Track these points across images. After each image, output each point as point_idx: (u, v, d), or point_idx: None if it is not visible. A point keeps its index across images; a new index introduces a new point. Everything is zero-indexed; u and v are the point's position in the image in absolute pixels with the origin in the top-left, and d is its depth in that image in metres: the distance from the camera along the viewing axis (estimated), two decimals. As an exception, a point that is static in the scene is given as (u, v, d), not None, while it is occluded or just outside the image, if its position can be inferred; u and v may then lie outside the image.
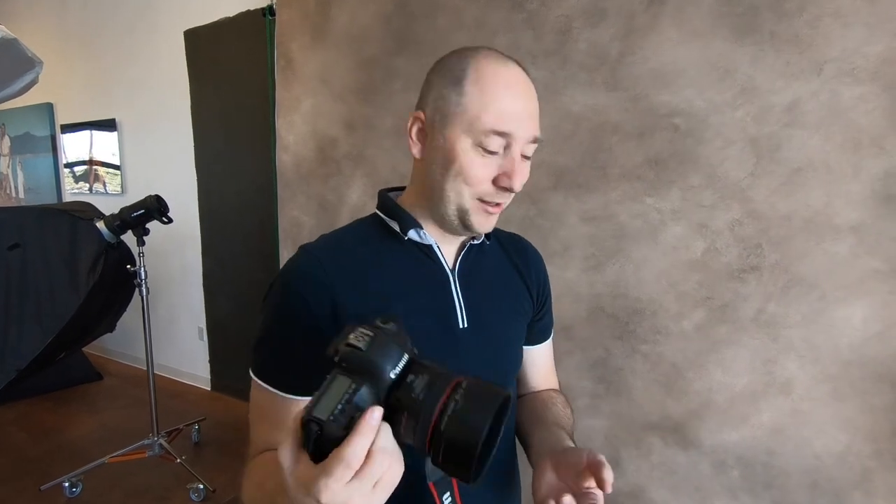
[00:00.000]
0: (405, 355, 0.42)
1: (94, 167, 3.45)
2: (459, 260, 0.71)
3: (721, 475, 1.35)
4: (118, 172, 3.32)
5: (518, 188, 0.61)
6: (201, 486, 2.01)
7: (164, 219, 2.11)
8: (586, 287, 1.49)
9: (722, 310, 1.32)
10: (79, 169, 3.56)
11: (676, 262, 1.37)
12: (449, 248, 0.70)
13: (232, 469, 2.23)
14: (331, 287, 0.62)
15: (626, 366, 1.45)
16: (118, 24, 3.12)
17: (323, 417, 0.38)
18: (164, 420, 2.28)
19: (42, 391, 2.97)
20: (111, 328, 2.62)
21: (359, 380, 0.40)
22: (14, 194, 4.00)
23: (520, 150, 0.61)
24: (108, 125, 3.29)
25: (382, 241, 0.68)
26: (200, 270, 2.99)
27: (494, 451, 0.43)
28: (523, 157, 0.63)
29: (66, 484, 2.04)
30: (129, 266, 2.13)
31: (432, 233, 0.68)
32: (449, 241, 0.70)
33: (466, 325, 0.68)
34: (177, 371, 3.23)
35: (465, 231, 0.66)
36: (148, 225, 2.10)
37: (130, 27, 3.06)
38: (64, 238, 2.25)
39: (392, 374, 0.41)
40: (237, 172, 2.73)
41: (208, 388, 3.06)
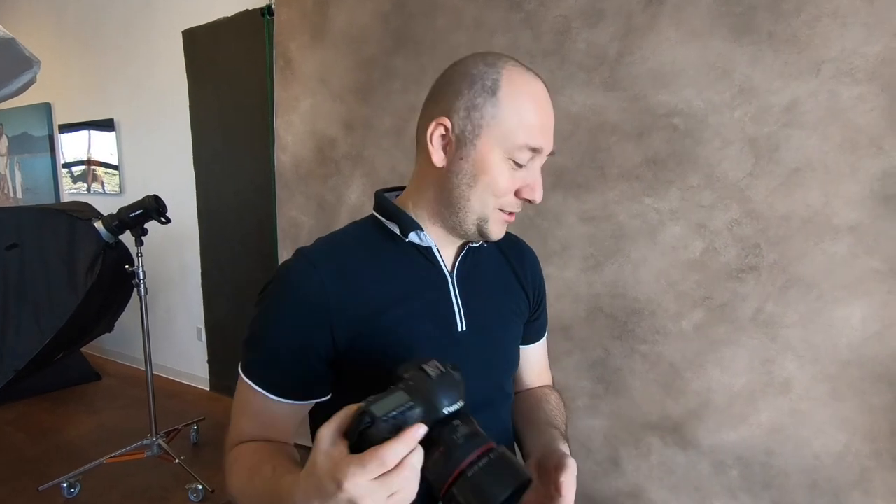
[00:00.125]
0: (461, 402, 0.46)
1: (93, 167, 3.45)
2: (458, 262, 0.70)
3: (720, 475, 1.35)
4: (116, 172, 3.32)
5: (539, 200, 0.63)
6: (200, 487, 2.00)
7: (162, 219, 2.10)
8: (585, 287, 1.49)
9: (721, 310, 1.32)
10: (77, 169, 3.55)
11: (675, 261, 1.37)
12: (448, 251, 0.70)
13: (230, 469, 2.23)
14: (327, 293, 0.61)
15: (625, 366, 1.46)
16: (116, 24, 3.11)
17: (377, 414, 0.42)
18: (162, 420, 2.27)
19: (40, 391, 2.96)
20: (109, 328, 2.62)
21: (417, 400, 0.44)
22: (12, 194, 3.99)
23: (540, 163, 0.64)
24: (107, 125, 3.28)
25: (380, 244, 0.68)
26: (199, 270, 2.99)
27: None
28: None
29: (65, 484, 2.03)
30: (127, 266, 2.13)
31: (433, 235, 0.67)
32: (448, 243, 0.69)
33: (465, 329, 0.68)
34: (175, 371, 3.22)
35: (479, 238, 0.67)
36: (146, 225, 2.09)
37: (129, 27, 3.05)
38: (62, 238, 2.24)
39: (445, 411, 0.45)
40: (235, 172, 2.73)
41: (207, 388, 3.05)
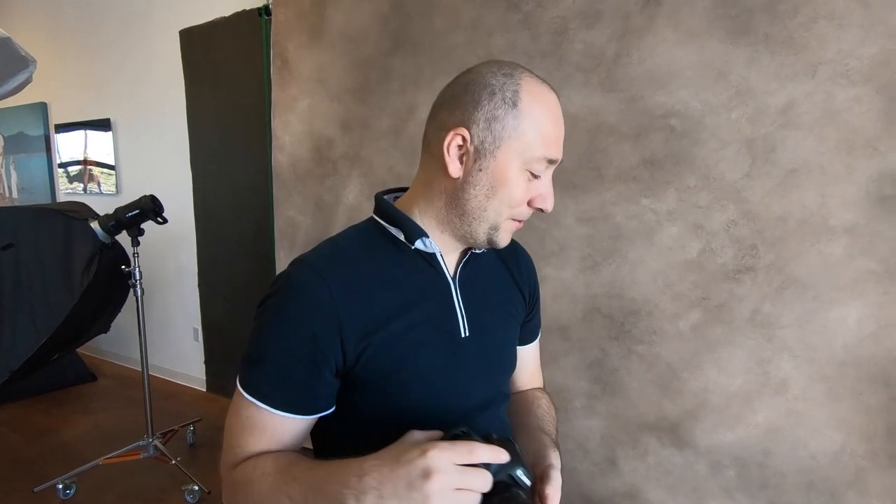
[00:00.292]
0: (528, 481, 0.53)
1: (89, 167, 3.43)
2: (460, 268, 0.70)
3: (717, 475, 1.35)
4: (113, 172, 3.31)
5: (551, 209, 0.65)
6: (196, 488, 2.00)
7: (158, 219, 2.09)
8: (583, 288, 1.50)
9: (717, 310, 1.32)
10: (73, 169, 3.53)
11: (672, 262, 1.37)
12: (450, 257, 0.70)
13: (227, 470, 2.22)
14: (335, 303, 0.60)
15: (622, 366, 1.46)
16: (113, 23, 3.10)
17: (466, 430, 0.51)
18: (158, 421, 2.26)
19: (36, 392, 2.95)
20: (106, 329, 2.61)
21: (504, 457, 0.51)
22: (7, 194, 3.98)
23: (551, 172, 0.65)
24: (103, 125, 3.27)
25: (383, 250, 0.67)
26: (196, 271, 2.98)
27: None
28: None
29: (60, 486, 2.02)
30: (123, 266, 2.12)
31: (437, 241, 0.67)
32: (451, 249, 0.69)
33: (468, 334, 0.68)
34: (172, 372, 3.21)
35: (487, 246, 0.67)
36: (143, 225, 2.09)
37: (125, 26, 3.05)
38: (58, 238, 2.23)
39: (518, 475, 0.51)
40: (233, 173, 2.73)
41: (203, 389, 3.05)
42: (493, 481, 0.48)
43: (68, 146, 3.54)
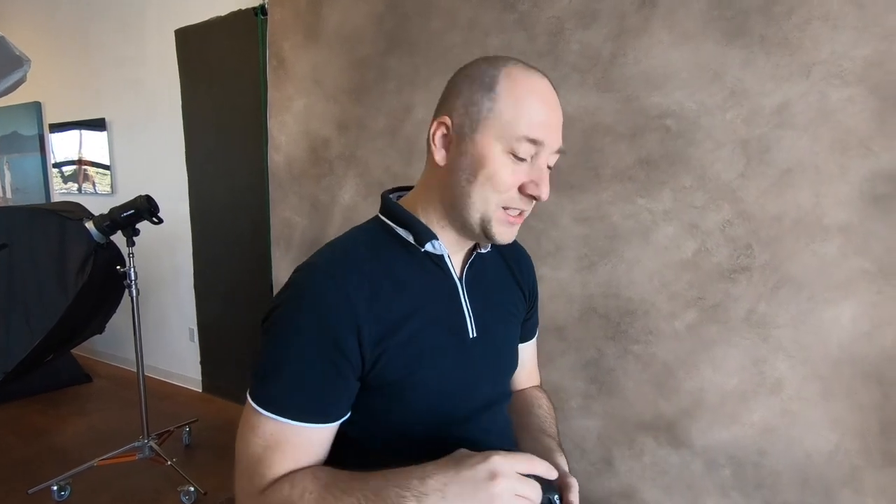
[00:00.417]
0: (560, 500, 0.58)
1: (84, 167, 3.42)
2: (466, 269, 0.71)
3: (713, 474, 1.36)
4: (108, 172, 3.29)
5: (545, 197, 0.62)
6: (192, 489, 1.99)
7: (154, 219, 2.09)
8: (579, 287, 1.50)
9: (713, 310, 1.33)
10: (67, 169, 3.52)
11: (668, 262, 1.38)
12: (457, 258, 0.70)
13: (224, 471, 2.21)
14: (352, 306, 0.59)
15: (619, 366, 1.46)
16: (108, 22, 3.09)
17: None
18: (154, 422, 2.26)
19: (30, 393, 2.93)
20: (100, 329, 2.60)
21: (554, 473, 0.55)
22: (1, 194, 3.95)
23: (546, 159, 0.62)
24: (98, 125, 3.25)
25: (391, 252, 0.66)
26: (191, 271, 2.97)
27: None
28: (547, 167, 0.63)
29: (55, 487, 2.01)
30: (118, 267, 2.11)
31: (444, 240, 0.67)
32: (457, 249, 0.70)
33: (475, 335, 0.68)
34: (167, 373, 3.20)
35: (485, 240, 0.66)
36: (138, 225, 2.08)
37: (121, 25, 3.03)
38: (52, 238, 2.22)
39: (555, 498, 0.55)
40: (228, 172, 2.72)
41: (199, 389, 3.03)
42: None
43: (63, 146, 3.52)
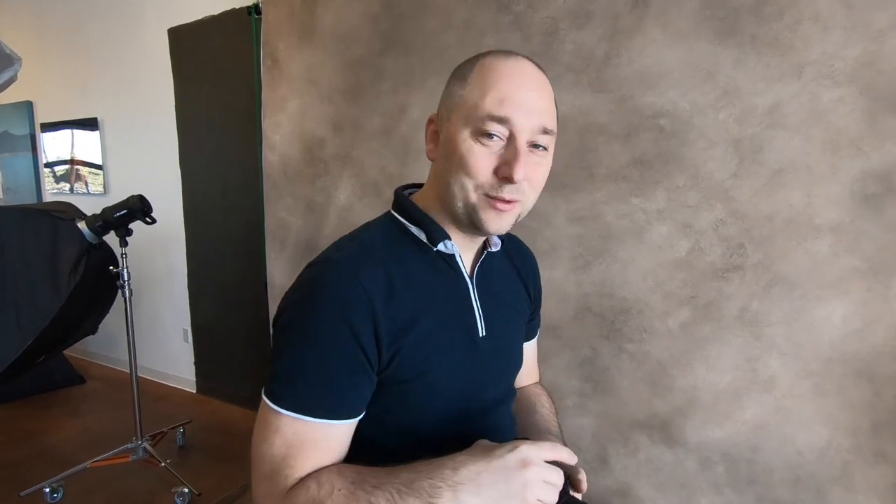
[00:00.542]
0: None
1: (76, 167, 3.39)
2: (476, 268, 0.71)
3: (706, 472, 1.37)
4: (100, 172, 3.27)
5: (517, 177, 0.58)
6: (186, 490, 1.98)
7: (147, 219, 2.07)
8: (573, 287, 1.50)
9: (706, 308, 1.34)
10: (59, 168, 3.49)
11: (662, 261, 1.39)
12: (467, 256, 0.71)
13: (218, 472, 2.21)
14: (371, 301, 0.59)
15: (613, 365, 1.47)
16: (100, 21, 3.07)
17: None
18: (148, 423, 2.24)
19: (22, 395, 2.91)
20: (93, 330, 2.58)
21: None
22: (-8, 194, 3.92)
23: (525, 139, 0.60)
24: (90, 124, 3.23)
25: (406, 249, 0.66)
26: (185, 271, 2.95)
27: None
28: (533, 149, 0.61)
29: (47, 489, 2.00)
30: (111, 267, 2.10)
31: (453, 238, 0.67)
32: (467, 248, 0.70)
33: (485, 333, 0.69)
34: (161, 373, 3.18)
35: (476, 230, 0.64)
36: (131, 225, 2.07)
37: (113, 24, 3.01)
38: (44, 238, 2.21)
39: (568, 489, 0.59)
40: (222, 172, 2.71)
41: (193, 390, 3.02)
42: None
43: (55, 145, 3.49)
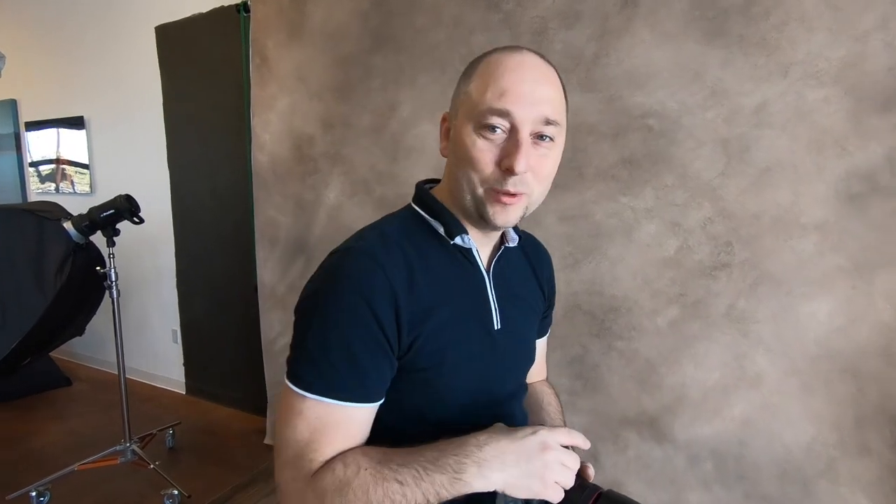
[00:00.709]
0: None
1: (62, 166, 3.35)
2: (494, 262, 0.72)
3: (695, 468, 1.38)
4: (87, 171, 3.23)
5: (518, 168, 0.59)
6: (176, 492, 1.97)
7: (135, 219, 2.05)
8: (564, 285, 1.51)
9: (694, 306, 1.35)
10: (45, 168, 3.44)
11: (650, 259, 1.40)
12: (484, 250, 0.72)
13: (208, 474, 2.19)
14: (393, 289, 0.60)
15: (603, 362, 1.48)
16: (86, 18, 3.03)
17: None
18: (136, 425, 2.22)
19: (7, 398, 2.87)
20: (80, 331, 2.54)
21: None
22: (-25, 194, 3.85)
23: (527, 131, 0.60)
24: (76, 123, 3.19)
25: (425, 241, 0.68)
26: (174, 271, 2.93)
27: None
28: (538, 140, 0.61)
29: (34, 493, 1.97)
30: (98, 268, 2.07)
31: (472, 235, 0.69)
32: (484, 243, 0.71)
33: (500, 327, 0.70)
34: (150, 375, 3.15)
35: (485, 225, 0.65)
36: (118, 225, 2.04)
37: (99, 21, 2.97)
38: (30, 239, 2.17)
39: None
40: (211, 171, 2.68)
41: (182, 391, 2.99)
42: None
43: (40, 144, 3.44)
